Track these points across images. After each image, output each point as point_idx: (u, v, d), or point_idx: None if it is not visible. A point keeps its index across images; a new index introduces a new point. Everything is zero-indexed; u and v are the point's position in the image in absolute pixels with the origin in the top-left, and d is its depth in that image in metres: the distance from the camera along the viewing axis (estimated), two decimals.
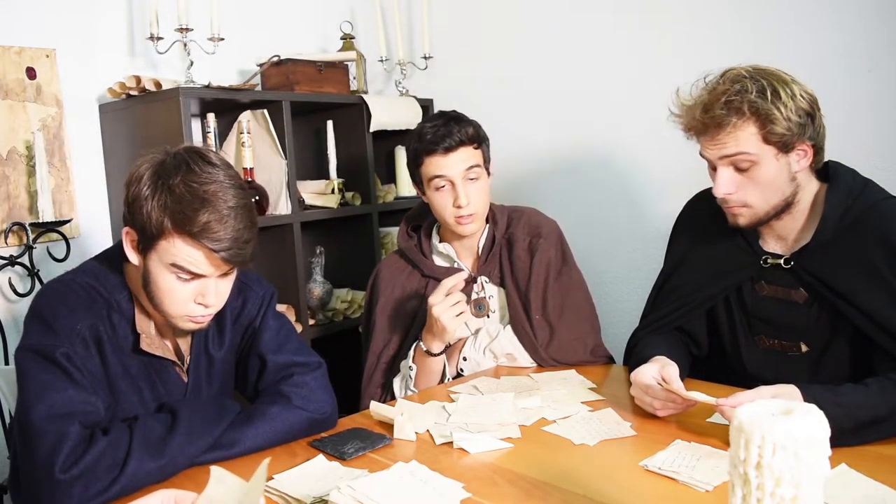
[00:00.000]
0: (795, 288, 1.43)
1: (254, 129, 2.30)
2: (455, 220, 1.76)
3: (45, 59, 2.12)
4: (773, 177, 1.35)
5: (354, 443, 1.32)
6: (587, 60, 2.38)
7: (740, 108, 1.30)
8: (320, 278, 2.52)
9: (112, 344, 1.27)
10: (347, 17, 2.86)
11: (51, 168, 2.11)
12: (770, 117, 1.29)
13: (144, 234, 1.21)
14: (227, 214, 1.19)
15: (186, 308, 1.25)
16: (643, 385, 1.36)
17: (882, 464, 1.12)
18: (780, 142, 1.32)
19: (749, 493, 0.76)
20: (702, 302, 1.56)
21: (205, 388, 1.40)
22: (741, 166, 1.35)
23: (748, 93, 1.30)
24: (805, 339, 1.44)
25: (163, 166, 1.20)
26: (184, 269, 1.21)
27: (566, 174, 2.48)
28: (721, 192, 1.38)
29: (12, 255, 2.00)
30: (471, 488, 1.12)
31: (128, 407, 1.28)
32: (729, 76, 1.35)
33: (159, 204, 1.17)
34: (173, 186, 1.17)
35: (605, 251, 2.41)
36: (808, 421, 0.76)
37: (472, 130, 1.75)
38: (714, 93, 1.34)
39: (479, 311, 1.84)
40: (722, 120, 1.32)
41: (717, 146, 1.35)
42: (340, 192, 2.51)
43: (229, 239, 1.19)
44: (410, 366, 1.72)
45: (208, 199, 1.18)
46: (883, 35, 1.81)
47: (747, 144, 1.32)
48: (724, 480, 1.08)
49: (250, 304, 1.45)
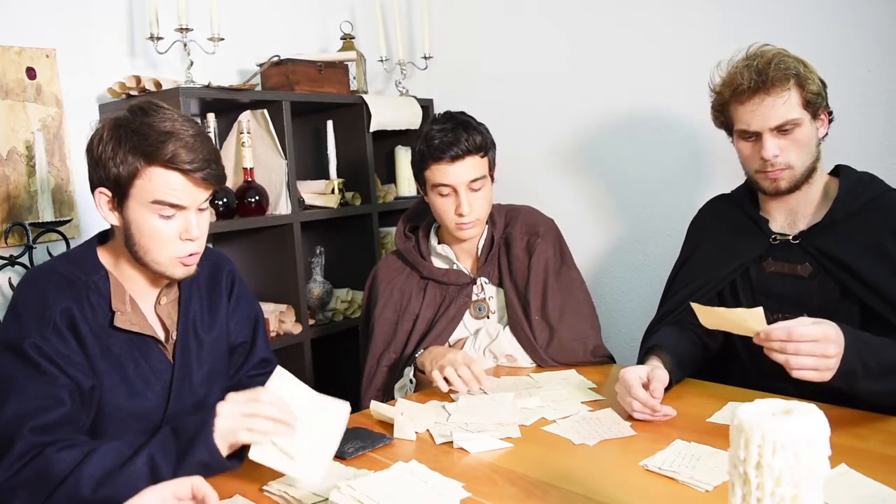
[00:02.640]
0: (801, 262, 1.51)
1: (254, 129, 2.30)
2: (456, 226, 1.75)
3: (45, 59, 2.12)
4: (808, 138, 1.47)
5: (354, 442, 1.32)
6: (587, 60, 2.38)
7: (789, 70, 1.44)
8: (320, 278, 2.52)
9: (90, 324, 1.28)
10: (347, 17, 2.86)
11: (51, 168, 2.11)
12: (808, 80, 1.45)
13: (119, 184, 1.24)
14: (192, 141, 1.25)
15: (174, 248, 1.28)
16: (627, 384, 1.37)
17: (882, 464, 1.12)
18: (813, 105, 1.46)
19: (749, 493, 0.76)
20: (713, 284, 1.61)
21: (195, 370, 1.39)
22: (785, 129, 1.45)
23: (789, 60, 1.45)
24: (809, 312, 1.45)
25: (119, 120, 1.26)
26: (165, 202, 1.24)
27: (566, 174, 2.48)
28: (770, 155, 1.46)
29: (12, 255, 1.99)
30: (471, 488, 1.12)
31: (111, 386, 1.28)
32: (766, 50, 1.49)
33: (127, 147, 1.23)
34: (136, 129, 1.23)
35: (605, 251, 2.41)
36: (808, 421, 0.76)
37: (480, 139, 1.72)
38: (763, 59, 1.46)
39: (479, 313, 1.84)
40: (778, 80, 1.43)
41: (767, 115, 1.45)
42: (340, 192, 2.51)
43: (201, 160, 1.25)
44: (412, 378, 1.72)
45: (171, 131, 1.24)
46: (883, 35, 1.81)
47: (794, 110, 1.45)
48: (724, 480, 1.08)
49: (225, 271, 1.50)
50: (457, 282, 1.83)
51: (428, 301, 1.83)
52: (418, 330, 1.80)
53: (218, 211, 2.15)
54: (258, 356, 1.53)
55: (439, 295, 1.83)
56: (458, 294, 1.82)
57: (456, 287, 1.83)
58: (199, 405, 1.38)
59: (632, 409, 1.36)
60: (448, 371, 1.53)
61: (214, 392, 1.42)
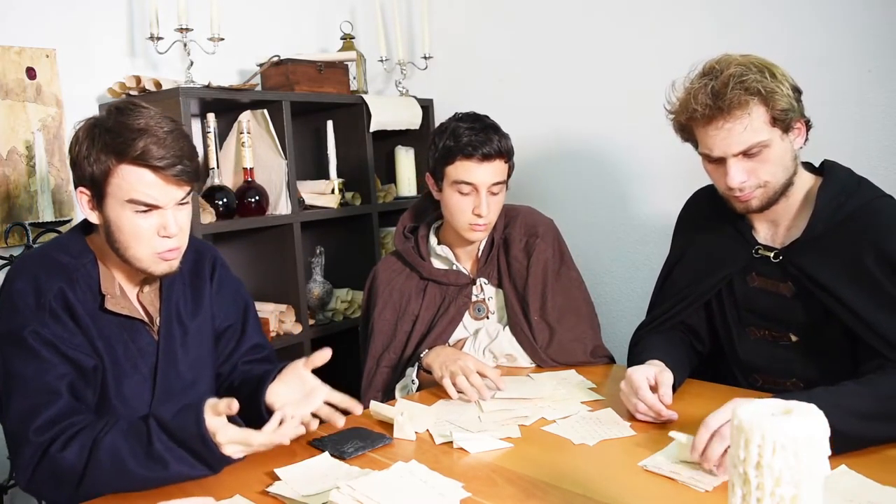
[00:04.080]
0: (783, 281, 1.44)
1: (254, 129, 2.30)
2: (469, 227, 1.74)
3: (45, 59, 2.12)
4: (780, 156, 1.36)
5: (354, 442, 1.32)
6: (587, 60, 2.38)
7: (749, 89, 1.31)
8: (320, 278, 2.52)
9: (83, 306, 1.29)
10: (347, 17, 2.86)
11: (51, 168, 2.11)
12: (774, 94, 1.32)
13: (95, 182, 1.25)
14: (164, 137, 1.24)
15: (153, 244, 1.28)
16: (635, 385, 1.36)
17: (882, 464, 1.12)
18: (783, 120, 1.33)
19: (749, 493, 0.76)
20: (699, 296, 1.57)
21: (180, 357, 1.41)
22: (752, 153, 1.35)
23: (751, 74, 1.32)
24: (794, 330, 1.45)
25: (96, 120, 1.28)
26: (139, 201, 1.25)
27: (566, 174, 2.48)
28: (737, 183, 1.37)
29: (12, 255, 1.99)
30: (470, 488, 1.12)
31: (108, 366, 1.31)
32: (725, 63, 1.36)
33: (100, 146, 1.23)
34: (110, 128, 1.24)
35: (605, 251, 2.41)
36: (808, 421, 0.76)
37: (508, 144, 1.73)
38: (719, 79, 1.33)
39: (479, 314, 1.84)
40: (736, 104, 1.31)
41: (727, 140, 1.34)
42: (340, 192, 2.51)
43: (172, 156, 1.24)
44: (413, 380, 1.72)
45: (143, 128, 1.24)
46: (883, 35, 1.81)
47: (760, 132, 1.33)
48: (724, 480, 1.08)
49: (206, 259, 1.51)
50: (456, 282, 1.83)
51: (427, 302, 1.83)
52: (418, 331, 1.80)
53: (218, 211, 2.15)
54: (250, 342, 1.54)
55: (439, 296, 1.83)
56: (457, 295, 1.82)
57: (455, 288, 1.83)
58: (186, 390, 1.40)
59: (636, 410, 1.35)
60: (460, 380, 1.53)
61: (203, 378, 1.45)
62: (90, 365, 1.27)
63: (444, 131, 1.74)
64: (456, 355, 1.61)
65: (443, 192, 1.76)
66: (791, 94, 1.34)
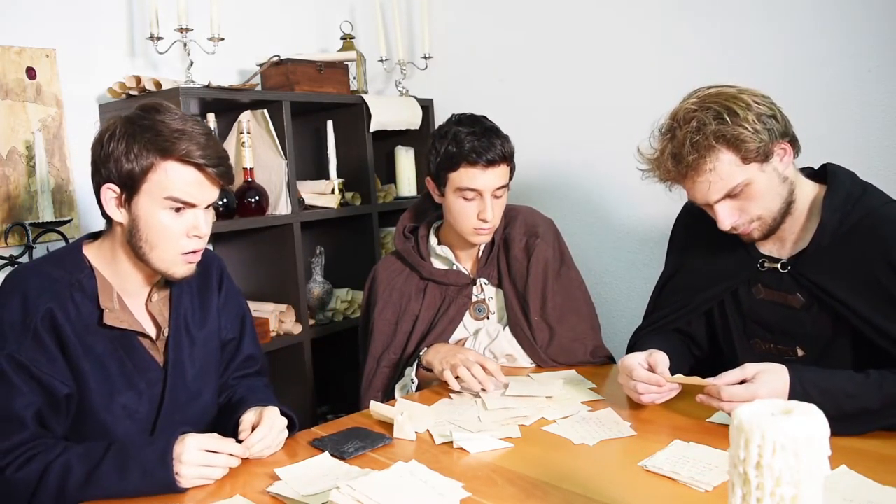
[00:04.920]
0: (792, 293, 1.42)
1: (254, 129, 2.30)
2: (474, 231, 1.73)
3: (45, 59, 2.12)
4: (767, 187, 1.34)
5: (354, 442, 1.32)
6: (587, 60, 2.38)
7: (708, 143, 1.29)
8: (320, 278, 2.52)
9: (74, 324, 1.27)
10: (347, 17, 2.86)
11: (51, 168, 2.11)
12: (739, 138, 1.28)
13: (131, 178, 1.25)
14: (204, 140, 1.28)
15: (180, 245, 1.29)
16: (628, 369, 1.36)
17: (882, 464, 1.12)
18: (758, 155, 1.30)
19: (749, 493, 0.76)
20: (700, 304, 1.56)
21: (188, 366, 1.39)
22: (734, 194, 1.34)
23: (708, 125, 1.29)
24: (801, 344, 1.43)
25: (130, 118, 1.28)
26: (178, 199, 1.26)
27: (566, 174, 2.48)
28: (728, 225, 1.36)
29: (12, 255, 1.99)
30: (470, 488, 1.12)
31: (95, 387, 1.28)
32: (680, 117, 1.33)
33: (142, 142, 1.24)
34: (150, 126, 1.26)
35: (605, 251, 2.41)
36: (808, 421, 0.76)
37: (510, 147, 1.72)
38: (676, 139, 1.32)
39: (479, 314, 1.84)
40: (697, 163, 1.30)
41: (704, 191, 1.34)
42: (340, 192, 2.51)
43: (216, 157, 1.28)
44: (413, 378, 1.72)
45: (183, 130, 1.26)
46: (883, 35, 1.81)
47: (732, 176, 1.31)
48: (724, 480, 1.08)
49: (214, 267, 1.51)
50: (456, 283, 1.83)
51: (427, 302, 1.83)
52: (418, 331, 1.80)
53: (218, 211, 2.15)
54: (244, 353, 1.54)
55: (439, 296, 1.83)
56: (457, 295, 1.82)
57: (455, 288, 1.83)
58: (191, 401, 1.39)
59: (637, 391, 1.35)
60: (461, 371, 1.53)
61: (208, 388, 1.44)
62: (63, 393, 1.25)
63: (444, 136, 1.72)
64: (456, 350, 1.61)
65: (445, 197, 1.75)
66: (759, 128, 1.29)
